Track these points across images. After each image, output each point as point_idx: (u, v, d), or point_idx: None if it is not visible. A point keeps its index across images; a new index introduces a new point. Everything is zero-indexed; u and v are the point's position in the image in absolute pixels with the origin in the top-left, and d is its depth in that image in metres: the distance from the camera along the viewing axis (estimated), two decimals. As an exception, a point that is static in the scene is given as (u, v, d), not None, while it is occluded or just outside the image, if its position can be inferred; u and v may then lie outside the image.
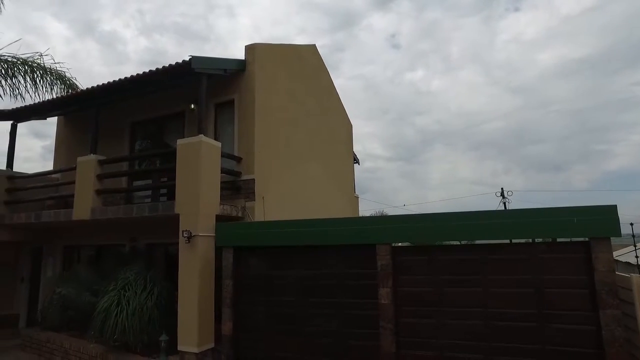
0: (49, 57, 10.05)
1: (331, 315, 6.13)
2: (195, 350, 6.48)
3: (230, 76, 8.46)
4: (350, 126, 14.47)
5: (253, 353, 6.55)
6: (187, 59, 7.29)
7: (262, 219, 7.87)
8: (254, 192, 7.94)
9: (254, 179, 7.99)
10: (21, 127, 10.57)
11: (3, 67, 9.50)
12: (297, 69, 10.68)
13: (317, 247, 6.30)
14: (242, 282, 6.77)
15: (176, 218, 7.04)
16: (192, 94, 8.76)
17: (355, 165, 15.27)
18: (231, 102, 8.71)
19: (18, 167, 10.47)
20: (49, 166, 10.92)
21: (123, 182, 9.64)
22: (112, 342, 7.13)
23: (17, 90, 9.94)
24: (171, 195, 8.43)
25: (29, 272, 11.24)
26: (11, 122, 10.35)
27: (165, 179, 8.97)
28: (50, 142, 10.28)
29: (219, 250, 6.94)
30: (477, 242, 5.73)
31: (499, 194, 26.65)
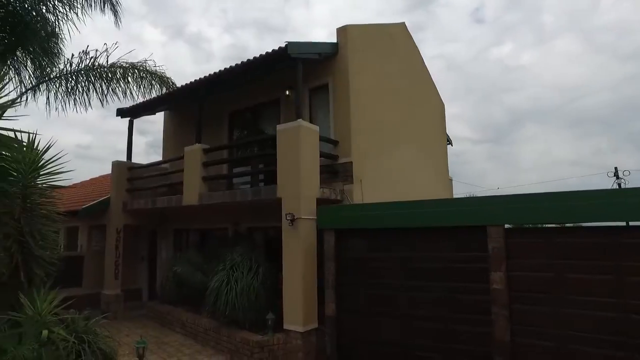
0: (151, 61, 10.99)
1: (437, 299, 5.90)
2: (300, 329, 6.68)
3: (323, 60, 8.46)
4: (443, 106, 13.78)
5: (356, 334, 6.57)
6: (283, 45, 7.42)
7: (361, 202, 7.83)
8: (351, 175, 7.92)
9: (351, 162, 7.95)
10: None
11: (120, 72, 10.60)
12: (388, 49, 10.35)
13: (422, 229, 6.08)
14: (344, 264, 6.80)
15: (276, 202, 7.27)
16: (286, 81, 8.96)
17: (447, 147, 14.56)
18: (325, 86, 8.74)
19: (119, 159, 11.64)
20: (152, 159, 12.04)
21: (224, 169, 10.20)
22: (222, 318, 7.65)
23: (128, 91, 11.06)
24: (268, 181, 8.76)
25: (147, 253, 12.55)
26: (128, 118, 11.49)
27: (262, 165, 9.36)
28: (152, 138, 11.45)
29: (320, 233, 7.03)
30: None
31: (612, 174, 23.79)
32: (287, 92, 9.14)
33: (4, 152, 4.67)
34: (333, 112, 8.47)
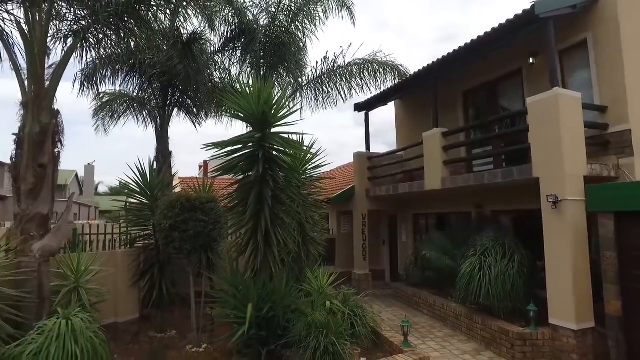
0: (381, 53, 11.55)
1: None
2: (573, 326, 5.84)
3: (578, 13, 7.13)
4: None
5: (654, 342, 5.32)
6: (527, 8, 6.61)
7: (644, 178, 6.30)
8: (629, 146, 6.43)
9: (629, 130, 6.45)
10: (348, 119, 12.76)
11: (355, 69, 11.60)
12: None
13: None
14: (630, 255, 5.57)
15: (530, 183, 6.57)
16: (528, 47, 8.00)
17: None
18: (581, 44, 7.38)
19: (344, 151, 12.54)
20: (373, 149, 12.58)
21: (461, 151, 9.86)
22: (474, 304, 7.44)
23: (364, 85, 11.94)
24: (510, 161, 8.05)
25: (387, 236, 13.39)
26: (364, 112, 12.44)
27: (503, 144, 8.66)
28: (372, 129, 12.04)
29: (591, 217, 5.99)
30: None
31: None
32: (530, 60, 8.13)
33: (291, 151, 5.76)
34: (596, 72, 7.05)
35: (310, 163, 7.50)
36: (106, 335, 5.16)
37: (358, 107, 12.41)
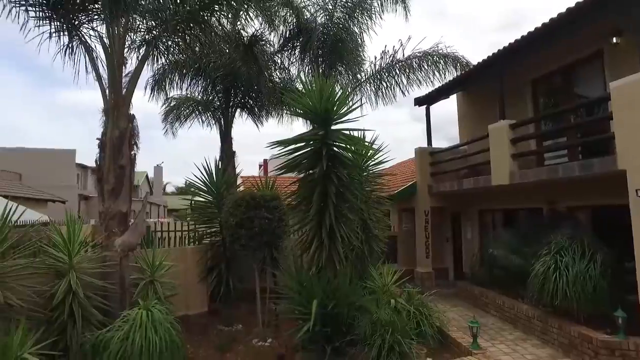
0: (442, 45, 11.15)
1: None
2: (675, 338, 5.27)
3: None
4: None
5: None
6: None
7: None
8: None
9: None
10: (404, 115, 12.31)
11: (415, 62, 11.30)
12: None
13: None
14: None
15: (612, 176, 6.05)
16: (610, 25, 7.30)
17: None
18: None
19: (401, 148, 12.15)
20: (434, 145, 12.14)
21: (530, 144, 9.27)
22: (548, 306, 6.97)
23: (423, 78, 11.59)
24: (586, 153, 7.44)
25: (450, 234, 12.92)
26: (425, 106, 12.09)
27: (579, 135, 8.05)
28: (432, 123, 11.58)
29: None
30: None
31: None
32: (613, 40, 7.41)
33: (353, 148, 5.74)
34: None
35: (372, 159, 7.43)
36: (181, 327, 5.46)
37: (418, 102, 12.08)
